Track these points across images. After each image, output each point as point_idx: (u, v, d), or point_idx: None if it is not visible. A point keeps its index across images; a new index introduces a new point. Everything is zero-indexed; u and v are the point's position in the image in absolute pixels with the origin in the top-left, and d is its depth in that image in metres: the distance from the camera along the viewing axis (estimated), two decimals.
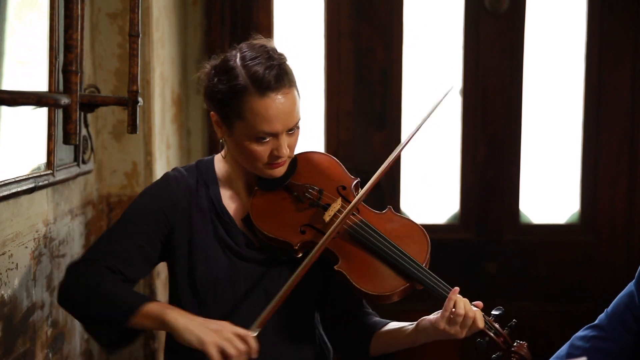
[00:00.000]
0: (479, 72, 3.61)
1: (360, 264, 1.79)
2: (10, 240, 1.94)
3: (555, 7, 3.66)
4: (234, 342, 1.65)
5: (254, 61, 1.76)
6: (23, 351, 2.04)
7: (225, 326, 1.68)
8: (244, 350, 1.65)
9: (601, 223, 3.67)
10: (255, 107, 1.74)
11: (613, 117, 3.62)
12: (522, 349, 1.82)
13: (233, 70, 1.77)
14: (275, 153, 1.79)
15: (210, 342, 1.64)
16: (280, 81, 1.75)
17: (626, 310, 1.99)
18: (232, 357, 1.64)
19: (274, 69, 1.75)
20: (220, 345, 1.64)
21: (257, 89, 1.74)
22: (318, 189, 1.87)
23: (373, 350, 1.89)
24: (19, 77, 2.01)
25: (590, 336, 2.02)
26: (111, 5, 2.74)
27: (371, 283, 1.76)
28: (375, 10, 3.59)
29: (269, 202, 1.85)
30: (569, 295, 3.68)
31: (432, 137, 3.71)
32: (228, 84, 1.77)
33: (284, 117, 1.76)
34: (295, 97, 1.79)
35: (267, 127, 1.75)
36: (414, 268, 1.78)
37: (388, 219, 1.88)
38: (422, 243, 1.84)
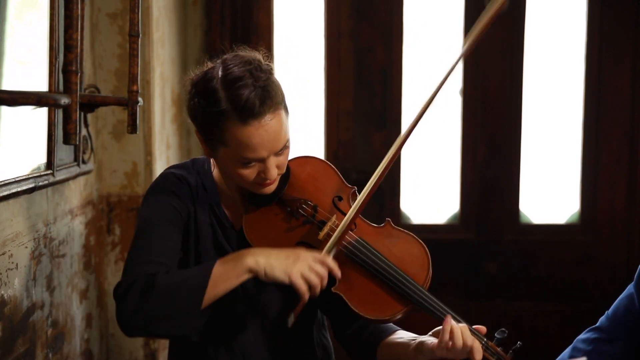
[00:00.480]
0: (479, 72, 3.61)
1: (359, 287, 1.74)
2: (10, 240, 1.94)
3: (555, 7, 3.66)
4: (316, 268, 1.66)
5: (237, 83, 1.64)
6: (23, 351, 2.04)
7: (302, 254, 1.67)
8: (326, 274, 1.67)
9: (601, 223, 3.67)
10: (238, 135, 1.64)
11: (613, 117, 3.62)
12: None
13: (214, 93, 1.66)
14: (263, 175, 1.70)
15: (295, 273, 1.64)
16: (264, 105, 1.64)
17: (626, 313, 1.99)
18: (314, 286, 1.65)
19: (258, 91, 1.64)
20: (304, 275, 1.64)
21: (239, 117, 1.63)
22: (312, 205, 1.79)
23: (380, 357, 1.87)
24: (19, 77, 2.01)
25: (592, 339, 2.02)
26: (111, 5, 2.74)
27: (370, 307, 1.73)
28: (375, 10, 3.59)
29: (262, 218, 1.79)
30: (569, 295, 3.68)
31: (432, 137, 3.71)
32: (209, 108, 1.66)
33: (270, 143, 1.66)
34: (281, 118, 1.69)
35: (252, 154, 1.66)
36: (413, 292, 1.74)
37: (387, 235, 1.80)
38: (423, 262, 1.77)
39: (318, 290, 1.66)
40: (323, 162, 1.89)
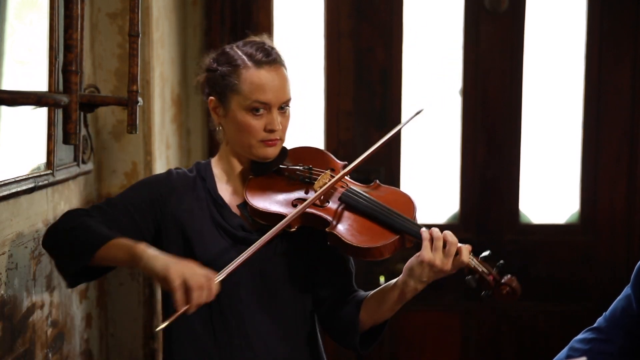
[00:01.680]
0: (478, 72, 3.62)
1: (351, 224, 1.87)
2: (10, 240, 1.95)
3: (555, 6, 3.66)
4: (198, 277, 1.68)
5: (247, 46, 1.95)
6: (23, 351, 2.04)
7: (192, 264, 1.72)
8: (205, 287, 1.68)
9: (601, 223, 3.67)
10: (250, 77, 1.89)
11: (613, 117, 3.63)
12: (512, 282, 1.85)
13: (229, 52, 1.95)
14: (269, 127, 1.90)
15: (174, 270, 1.67)
16: (273, 58, 1.93)
17: (624, 314, 1.99)
18: (192, 289, 1.66)
19: (266, 50, 1.94)
20: (183, 276, 1.67)
21: (251, 62, 1.91)
22: (308, 167, 1.98)
23: (364, 318, 1.91)
24: (18, 77, 2.01)
25: (590, 338, 2.02)
26: (111, 5, 2.74)
27: (361, 238, 1.83)
28: (375, 10, 3.59)
29: (262, 185, 1.95)
30: (569, 295, 3.68)
31: (432, 137, 3.72)
32: (226, 63, 1.93)
33: (277, 89, 1.91)
34: (286, 76, 1.96)
35: (261, 96, 1.89)
36: (402, 221, 1.85)
37: (375, 188, 2.00)
38: (409, 205, 1.93)
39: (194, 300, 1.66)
40: (316, 147, 2.10)
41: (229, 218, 1.94)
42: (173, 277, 1.66)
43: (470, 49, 3.61)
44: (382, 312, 1.90)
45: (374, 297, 1.91)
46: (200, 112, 3.52)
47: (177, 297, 1.66)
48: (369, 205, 1.89)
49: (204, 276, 1.69)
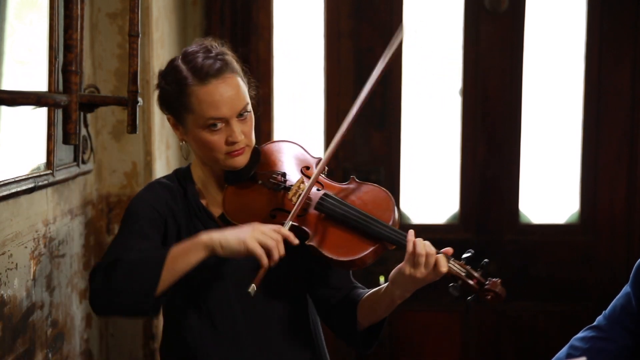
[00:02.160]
0: (478, 72, 3.62)
1: (329, 235, 1.83)
2: (10, 240, 1.95)
3: (555, 6, 3.66)
4: (270, 234, 1.73)
5: (194, 55, 1.85)
6: (23, 351, 2.04)
7: (256, 225, 1.75)
8: (279, 240, 1.73)
9: (601, 223, 3.67)
10: (199, 95, 1.81)
11: (613, 117, 3.63)
12: (495, 286, 1.79)
13: (176, 67, 1.86)
14: (230, 139, 1.83)
15: (250, 241, 1.71)
16: (219, 68, 1.83)
17: (623, 312, 2.00)
18: (271, 248, 1.71)
19: (211, 59, 1.83)
20: (258, 239, 1.71)
21: (198, 79, 1.82)
22: (281, 173, 1.92)
23: (361, 319, 1.91)
24: (18, 77, 2.01)
25: (590, 337, 2.02)
26: (111, 5, 2.75)
27: (341, 250, 1.80)
28: (375, 11, 3.59)
29: (238, 195, 1.91)
30: (569, 295, 3.68)
31: (431, 137, 3.72)
32: (173, 81, 1.85)
33: (229, 101, 1.82)
34: (238, 82, 1.85)
35: (215, 112, 1.81)
36: (379, 229, 1.81)
37: (351, 188, 1.93)
38: (387, 204, 1.87)
39: (276, 254, 1.72)
40: (289, 141, 2.04)
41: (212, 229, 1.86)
42: (252, 246, 1.71)
43: (470, 48, 3.61)
44: (376, 314, 1.90)
45: (367, 300, 1.91)
46: None
47: (262, 261, 1.71)
48: (345, 215, 1.84)
49: (274, 231, 1.74)
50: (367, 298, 1.91)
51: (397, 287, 1.81)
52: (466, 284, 1.79)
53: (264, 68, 3.56)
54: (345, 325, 1.93)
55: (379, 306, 1.88)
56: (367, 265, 1.83)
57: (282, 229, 1.76)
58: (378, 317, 1.91)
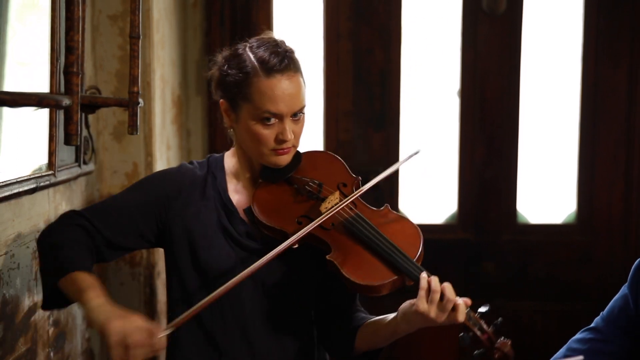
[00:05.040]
0: (476, 73, 3.62)
1: (352, 255, 1.79)
2: (11, 240, 1.95)
3: (552, 8, 3.66)
4: (138, 334, 1.60)
5: (261, 48, 1.84)
6: (24, 350, 2.04)
7: (136, 318, 1.64)
8: (145, 344, 1.60)
9: (598, 223, 3.67)
10: (261, 87, 1.79)
11: (609, 118, 3.63)
12: (505, 347, 1.76)
13: (241, 55, 1.84)
14: (280, 137, 1.82)
15: (113, 326, 1.60)
16: (286, 65, 1.82)
17: (621, 313, 1.99)
18: (130, 347, 1.59)
19: (280, 55, 1.82)
20: (123, 332, 1.59)
21: (263, 70, 1.80)
22: (318, 183, 1.89)
23: (358, 344, 1.88)
24: (20, 79, 2.01)
25: (587, 339, 2.02)
26: (112, 7, 2.74)
27: (360, 273, 1.76)
28: (374, 12, 3.59)
29: (270, 194, 1.88)
30: (567, 295, 3.68)
31: (430, 138, 3.72)
32: (237, 68, 1.83)
33: (289, 98, 1.81)
34: (300, 82, 1.84)
35: (272, 107, 1.79)
36: (403, 262, 1.77)
37: (384, 215, 1.89)
38: (415, 239, 1.83)
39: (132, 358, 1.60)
40: (332, 154, 2.02)
41: (235, 224, 1.89)
42: (111, 333, 1.59)
43: (468, 50, 3.61)
44: (375, 342, 1.88)
45: (369, 327, 1.88)
46: (200, 113, 3.52)
47: (113, 354, 1.60)
48: (372, 239, 1.80)
49: (145, 332, 1.60)
50: (369, 324, 1.88)
51: (405, 321, 1.77)
52: (477, 337, 1.76)
53: None
54: (341, 347, 1.91)
55: (380, 334, 1.85)
56: (381, 294, 1.78)
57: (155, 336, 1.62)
58: (376, 346, 1.88)
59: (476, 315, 1.78)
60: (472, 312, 1.77)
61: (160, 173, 1.99)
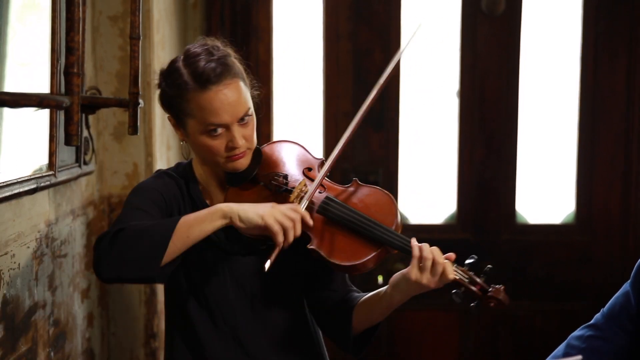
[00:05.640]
0: (476, 74, 3.62)
1: (332, 239, 1.80)
2: (12, 241, 1.94)
3: (551, 9, 3.66)
4: (289, 213, 1.71)
5: (195, 59, 1.79)
6: (25, 350, 2.03)
7: (275, 204, 1.74)
8: (297, 220, 1.72)
9: (597, 223, 3.67)
10: (200, 102, 1.76)
11: (608, 118, 3.63)
12: (498, 293, 1.77)
13: (177, 70, 1.80)
14: (231, 145, 1.80)
15: (269, 217, 1.69)
16: (220, 73, 1.77)
17: (622, 311, 1.99)
18: (288, 229, 1.70)
19: (213, 63, 1.77)
20: (277, 218, 1.70)
21: (198, 84, 1.76)
22: (282, 175, 1.89)
23: (356, 323, 1.89)
24: (21, 79, 2.01)
25: (587, 336, 2.02)
26: (112, 8, 2.74)
27: (344, 255, 1.77)
28: (373, 13, 3.59)
29: (240, 197, 1.87)
30: (566, 295, 3.68)
31: (429, 139, 3.72)
32: (173, 85, 1.80)
33: (230, 107, 1.77)
34: (239, 87, 1.80)
35: (215, 119, 1.77)
36: (382, 233, 1.78)
37: (354, 191, 1.89)
38: (390, 208, 1.83)
39: (291, 235, 1.70)
40: (291, 141, 2.00)
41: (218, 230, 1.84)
42: (270, 223, 1.69)
43: (467, 51, 3.61)
44: (372, 318, 1.88)
45: (364, 304, 1.89)
46: None
47: (278, 239, 1.69)
48: (348, 219, 1.80)
49: (293, 210, 1.72)
50: (364, 301, 1.89)
51: (399, 291, 1.79)
52: (469, 290, 1.76)
53: (263, 70, 3.55)
54: (339, 329, 1.91)
55: (375, 309, 1.86)
56: (369, 269, 1.80)
57: (300, 209, 1.74)
58: (373, 322, 1.89)
59: (464, 268, 1.78)
60: (460, 266, 1.78)
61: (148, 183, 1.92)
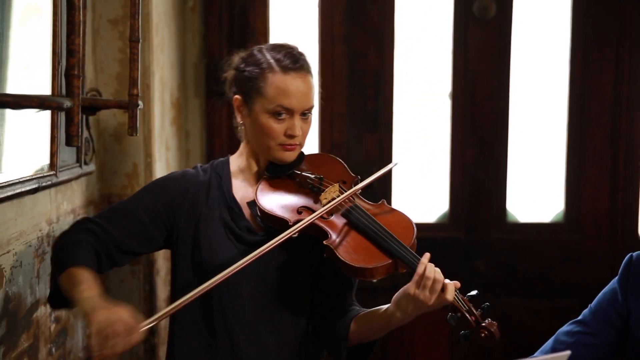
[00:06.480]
0: (467, 76, 3.62)
1: (348, 240, 1.84)
2: (14, 239, 1.94)
3: (541, 13, 3.67)
4: (118, 326, 1.60)
5: (276, 50, 1.93)
6: (27, 346, 2.03)
7: (120, 310, 1.64)
8: (122, 335, 1.61)
9: (585, 221, 3.67)
10: (276, 82, 1.88)
11: (596, 119, 3.64)
12: (492, 326, 1.80)
13: (261, 54, 1.92)
14: (289, 132, 1.89)
15: (96, 316, 1.61)
16: (300, 65, 1.92)
17: (609, 307, 2.00)
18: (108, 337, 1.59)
19: (295, 56, 1.92)
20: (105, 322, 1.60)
21: (279, 67, 1.89)
22: (319, 177, 1.95)
23: (352, 335, 1.89)
24: (22, 81, 2.01)
25: (575, 331, 2.03)
26: (112, 12, 2.74)
27: (355, 257, 1.80)
28: (368, 16, 3.59)
29: (273, 186, 1.93)
30: (555, 292, 3.68)
31: (422, 139, 3.72)
32: (254, 64, 1.91)
33: (301, 95, 1.90)
34: (312, 84, 1.95)
35: (286, 101, 1.87)
36: (398, 247, 1.81)
37: (380, 207, 1.95)
38: (409, 230, 1.89)
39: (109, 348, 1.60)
40: (333, 156, 2.09)
41: (237, 220, 1.92)
42: (93, 322, 1.61)
43: (459, 54, 3.61)
44: (369, 334, 1.89)
45: (364, 317, 1.90)
46: (198, 115, 3.51)
47: (92, 342, 1.60)
48: (368, 226, 1.85)
49: (125, 325, 1.61)
50: (364, 315, 1.90)
51: (399, 309, 1.80)
52: (465, 317, 1.80)
53: None
54: (335, 337, 1.91)
55: (373, 324, 1.87)
56: (375, 279, 1.82)
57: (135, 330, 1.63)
58: (369, 337, 1.90)
59: (465, 297, 1.83)
60: (461, 294, 1.83)
61: (166, 178, 2.01)
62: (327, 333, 1.94)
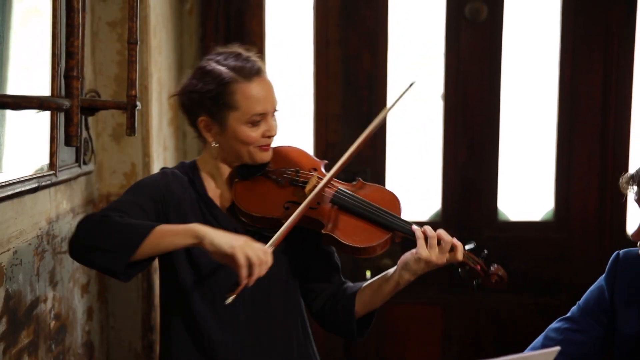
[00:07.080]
0: (459, 78, 3.63)
1: (345, 225, 1.87)
2: (14, 238, 1.94)
3: (531, 15, 3.68)
4: (258, 252, 1.69)
5: (228, 59, 1.88)
6: (27, 343, 2.03)
7: (249, 240, 1.72)
8: (264, 261, 1.70)
9: (574, 220, 3.69)
10: (246, 92, 1.84)
11: (585, 120, 3.65)
12: (499, 270, 1.95)
13: (214, 70, 1.87)
14: (267, 134, 1.88)
15: (239, 249, 1.68)
16: (258, 68, 1.88)
17: (596, 304, 2.01)
18: (255, 265, 1.68)
19: (248, 61, 1.88)
20: (247, 253, 1.68)
21: (241, 76, 1.85)
22: (294, 170, 1.95)
23: (358, 307, 1.93)
24: (22, 82, 2.01)
25: (563, 328, 2.04)
26: (111, 14, 2.74)
27: (358, 238, 1.84)
28: (362, 19, 3.60)
29: (249, 189, 1.92)
30: (544, 289, 3.70)
31: (415, 140, 3.73)
32: (214, 82, 1.85)
33: (270, 97, 1.88)
34: (271, 83, 1.91)
35: (259, 107, 1.85)
36: (392, 219, 1.88)
37: (360, 187, 1.99)
38: (394, 201, 1.95)
39: (255, 273, 1.69)
40: (293, 146, 2.06)
41: (222, 221, 1.90)
42: (239, 256, 1.67)
43: (451, 55, 3.62)
44: (375, 302, 1.93)
45: (368, 288, 1.93)
46: None
47: (242, 273, 1.68)
48: (360, 206, 1.89)
49: (262, 251, 1.70)
50: (368, 285, 1.94)
51: (408, 271, 1.86)
52: (473, 269, 1.91)
53: None
54: (342, 315, 1.94)
55: (381, 293, 1.91)
56: (377, 254, 1.88)
57: (270, 255, 1.72)
58: (375, 305, 1.94)
59: (467, 252, 1.91)
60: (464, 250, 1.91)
61: (148, 179, 1.98)
62: (332, 316, 1.97)
